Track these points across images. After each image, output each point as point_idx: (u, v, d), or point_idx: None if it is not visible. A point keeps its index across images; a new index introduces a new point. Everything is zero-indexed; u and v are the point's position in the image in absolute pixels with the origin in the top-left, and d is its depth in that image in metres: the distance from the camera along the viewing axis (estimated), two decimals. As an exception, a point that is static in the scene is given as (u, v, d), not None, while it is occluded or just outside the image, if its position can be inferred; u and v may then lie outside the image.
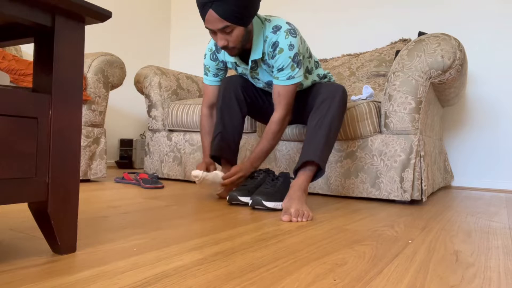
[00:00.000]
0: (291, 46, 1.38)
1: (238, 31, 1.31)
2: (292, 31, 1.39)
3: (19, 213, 1.14)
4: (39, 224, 0.73)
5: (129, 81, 3.37)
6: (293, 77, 1.41)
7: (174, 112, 2.27)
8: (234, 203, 1.46)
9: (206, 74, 1.63)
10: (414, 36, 2.59)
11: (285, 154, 1.89)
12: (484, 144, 2.42)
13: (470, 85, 2.46)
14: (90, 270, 0.65)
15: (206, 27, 1.30)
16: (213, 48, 1.57)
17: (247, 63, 1.50)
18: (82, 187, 1.79)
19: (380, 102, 1.77)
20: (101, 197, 1.50)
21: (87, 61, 2.03)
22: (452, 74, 1.57)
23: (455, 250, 0.88)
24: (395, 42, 2.36)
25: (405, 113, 1.61)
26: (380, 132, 1.70)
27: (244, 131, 2.08)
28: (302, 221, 1.17)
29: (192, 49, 3.70)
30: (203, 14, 1.27)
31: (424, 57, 1.56)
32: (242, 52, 1.47)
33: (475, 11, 2.44)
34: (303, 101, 1.65)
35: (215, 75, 1.62)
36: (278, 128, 1.45)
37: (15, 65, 1.68)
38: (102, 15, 0.74)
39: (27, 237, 0.86)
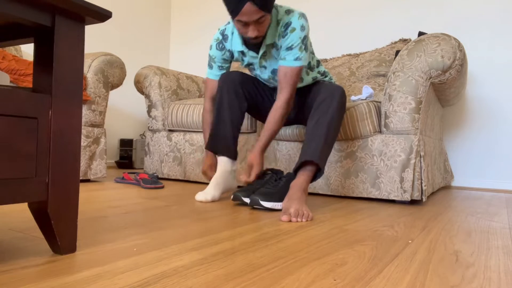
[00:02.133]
0: (302, 28, 1.42)
1: (267, 19, 1.36)
2: (304, 16, 1.44)
3: (19, 213, 1.14)
4: (39, 224, 0.73)
5: (129, 81, 3.37)
6: (300, 59, 1.43)
7: (174, 112, 2.27)
8: (238, 203, 1.46)
9: (210, 67, 1.65)
10: (414, 36, 2.59)
11: (285, 154, 1.89)
12: (484, 144, 2.42)
13: (470, 85, 2.46)
14: (90, 270, 0.65)
15: (238, 20, 1.33)
16: (220, 38, 1.58)
17: (255, 51, 1.52)
18: (82, 187, 1.79)
19: (380, 102, 1.77)
20: (101, 197, 1.50)
21: (87, 61, 2.03)
22: (452, 74, 1.57)
23: (455, 250, 0.88)
24: (395, 42, 2.36)
25: (405, 113, 1.61)
26: (380, 132, 1.70)
27: (244, 131, 2.08)
28: (301, 221, 1.17)
29: (192, 49, 3.70)
30: (239, 7, 1.29)
31: (424, 57, 1.56)
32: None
33: (475, 11, 2.44)
34: (303, 101, 1.65)
35: (220, 68, 1.64)
36: (284, 112, 1.47)
37: (15, 65, 1.68)
38: (102, 15, 0.74)
39: (27, 237, 0.86)
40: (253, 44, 1.50)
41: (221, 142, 1.53)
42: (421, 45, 1.58)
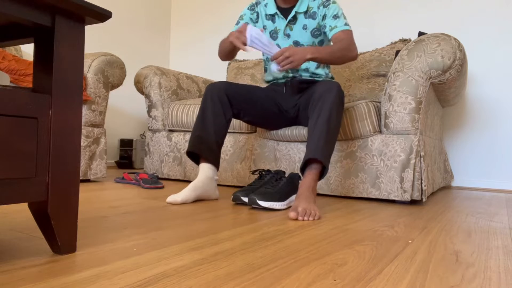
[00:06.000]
0: (339, 5, 1.66)
1: None
2: None
3: (19, 213, 1.14)
4: (39, 224, 0.73)
5: (129, 81, 3.37)
6: (348, 25, 1.59)
7: (174, 112, 2.27)
8: (238, 203, 1.46)
9: (237, 23, 1.75)
10: (414, 36, 2.59)
11: (285, 154, 1.89)
12: (484, 144, 2.42)
13: (470, 85, 2.46)
14: (90, 270, 0.65)
15: None
16: (255, 2, 1.76)
17: (284, 16, 1.68)
18: (82, 187, 1.79)
19: (380, 102, 1.77)
20: (101, 197, 1.50)
21: (87, 61, 2.03)
22: (452, 74, 1.57)
23: (455, 250, 0.88)
24: (395, 42, 2.36)
25: (405, 113, 1.61)
26: (380, 132, 1.70)
27: (244, 131, 2.08)
28: (308, 220, 1.18)
29: (192, 49, 3.70)
30: None
31: (424, 57, 1.56)
32: (285, 9, 1.67)
33: (475, 11, 2.44)
34: (301, 101, 1.65)
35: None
36: (340, 47, 1.51)
37: (15, 65, 1.68)
38: (102, 15, 0.74)
39: (27, 237, 0.86)
40: (285, 9, 1.67)
41: (206, 146, 1.49)
42: (421, 45, 1.58)
